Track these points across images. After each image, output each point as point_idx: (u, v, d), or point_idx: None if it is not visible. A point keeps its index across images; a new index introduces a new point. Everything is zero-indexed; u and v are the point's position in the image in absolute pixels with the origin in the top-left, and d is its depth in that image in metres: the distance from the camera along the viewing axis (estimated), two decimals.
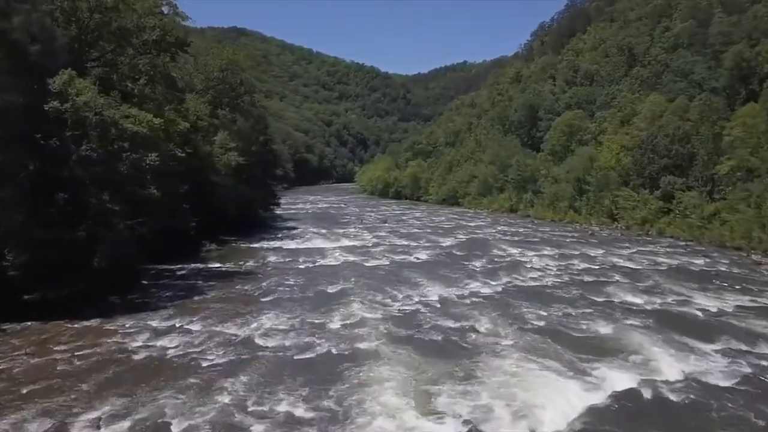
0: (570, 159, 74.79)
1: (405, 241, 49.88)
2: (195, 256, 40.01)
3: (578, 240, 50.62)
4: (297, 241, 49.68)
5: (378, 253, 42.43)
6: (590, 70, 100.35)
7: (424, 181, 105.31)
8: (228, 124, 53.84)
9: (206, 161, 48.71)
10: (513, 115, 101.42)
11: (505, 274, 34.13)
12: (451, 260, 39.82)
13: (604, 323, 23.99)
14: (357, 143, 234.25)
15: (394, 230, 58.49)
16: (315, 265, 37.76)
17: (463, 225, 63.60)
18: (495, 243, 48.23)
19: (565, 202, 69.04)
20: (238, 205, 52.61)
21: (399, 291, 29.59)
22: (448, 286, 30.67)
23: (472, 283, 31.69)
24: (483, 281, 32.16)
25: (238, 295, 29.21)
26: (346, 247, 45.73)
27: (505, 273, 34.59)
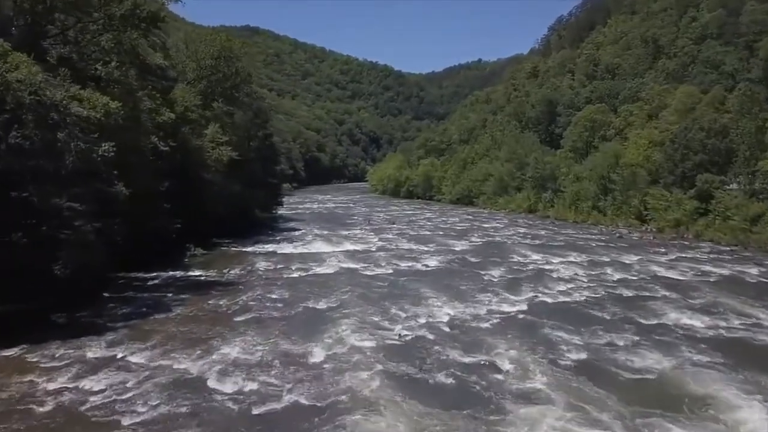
0: (593, 156, 69.13)
1: (413, 244, 44.64)
2: (176, 262, 35.04)
3: (606, 244, 45.06)
4: (294, 245, 44.62)
5: (382, 260, 37.23)
6: (611, 64, 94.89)
7: (437, 179, 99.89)
8: (222, 117, 48.89)
9: (196, 156, 43.86)
10: (530, 110, 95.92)
11: (528, 287, 28.73)
12: (465, 268, 34.50)
13: (660, 357, 18.56)
14: (370, 142, 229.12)
15: (403, 232, 53.26)
16: (308, 274, 32.61)
17: (477, 227, 58.21)
18: (514, 247, 42.86)
19: (588, 202, 63.38)
20: (232, 205, 47.78)
21: (401, 309, 24.33)
22: (461, 303, 25.36)
23: (489, 298, 26.35)
24: (502, 296, 26.80)
25: (209, 312, 24.15)
26: (348, 252, 40.60)
27: (528, 285, 29.19)
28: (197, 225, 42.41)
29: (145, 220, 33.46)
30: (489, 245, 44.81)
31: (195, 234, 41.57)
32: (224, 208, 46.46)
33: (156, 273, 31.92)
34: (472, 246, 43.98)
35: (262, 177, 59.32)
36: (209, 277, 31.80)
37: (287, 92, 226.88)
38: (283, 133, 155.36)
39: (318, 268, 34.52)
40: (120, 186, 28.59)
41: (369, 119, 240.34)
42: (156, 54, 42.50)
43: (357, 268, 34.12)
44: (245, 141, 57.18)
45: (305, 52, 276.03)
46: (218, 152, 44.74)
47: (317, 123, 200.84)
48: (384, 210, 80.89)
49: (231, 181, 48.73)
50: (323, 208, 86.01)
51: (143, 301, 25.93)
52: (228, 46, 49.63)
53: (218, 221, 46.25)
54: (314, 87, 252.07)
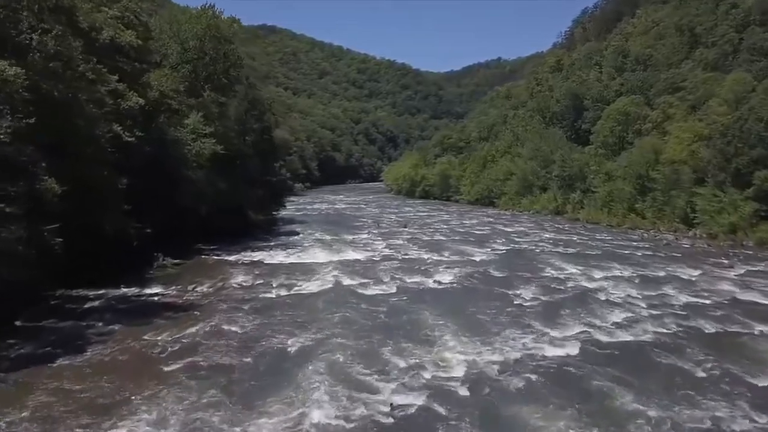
0: (627, 152, 61.48)
1: (426, 253, 37.59)
2: (135, 275, 28.34)
3: (653, 253, 37.62)
4: (288, 253, 37.85)
5: (385, 273, 30.22)
6: (643, 54, 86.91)
7: (455, 179, 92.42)
8: (209, 106, 42.30)
9: (174, 150, 37.33)
10: (555, 105, 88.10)
11: (572, 317, 21.53)
12: (487, 287, 27.37)
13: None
14: (386, 141, 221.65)
15: (414, 237, 46.17)
16: (290, 294, 25.74)
17: (500, 231, 50.93)
18: (545, 257, 35.62)
19: (623, 203, 55.74)
20: (219, 206, 41.14)
21: (400, 354, 17.32)
22: (483, 343, 18.27)
23: (521, 335, 19.18)
24: (539, 332, 19.62)
25: (135, 355, 17.37)
26: (347, 263, 33.68)
27: (571, 314, 21.99)
28: (174, 229, 36.10)
29: (97, 224, 27.10)
30: (514, 254, 37.63)
31: (171, 240, 35.15)
32: (209, 209, 39.95)
33: (104, 290, 25.37)
34: (495, 255, 36.84)
35: (260, 175, 52.65)
36: (166, 296, 25.08)
37: (303, 91, 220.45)
38: (297, 132, 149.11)
39: (306, 284, 27.63)
40: (50, 182, 22.10)
41: (386, 118, 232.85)
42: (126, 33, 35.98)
43: (353, 286, 27.15)
44: (239, 134, 50.64)
45: (322, 51, 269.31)
46: (199, 145, 38.15)
47: (333, 122, 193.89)
48: (397, 211, 73.86)
49: (218, 178, 42.20)
50: (332, 209, 79.22)
51: (59, 333, 19.25)
52: (215, 24, 42.89)
53: (202, 224, 39.82)
54: (331, 86, 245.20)
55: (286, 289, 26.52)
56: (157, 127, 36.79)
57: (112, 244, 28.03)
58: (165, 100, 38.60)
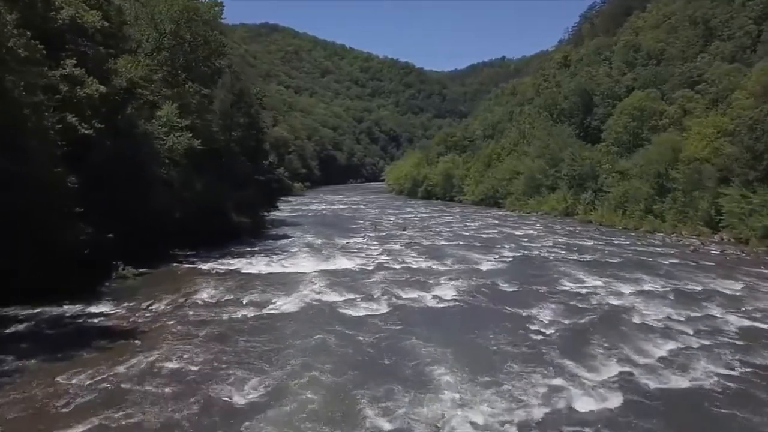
0: (643, 150, 56.96)
1: (425, 261, 33.14)
2: (86, 289, 24.00)
3: (682, 261, 33.10)
4: (270, 260, 33.48)
5: (377, 287, 25.80)
6: (655, 49, 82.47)
7: (458, 178, 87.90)
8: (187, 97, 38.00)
9: (145, 145, 33.08)
10: (563, 102, 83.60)
11: (605, 349, 17.07)
12: (496, 305, 22.89)
13: None
14: (389, 140, 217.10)
15: (414, 242, 41.75)
16: (260, 314, 21.32)
17: (507, 234, 46.44)
18: (560, 266, 31.15)
19: (639, 204, 51.21)
20: (197, 208, 36.85)
21: (382, 408, 12.87)
22: (494, 393, 13.75)
23: (544, 379, 14.66)
24: (567, 372, 15.12)
25: (27, 409, 12.94)
26: (334, 273, 29.29)
27: (603, 344, 17.52)
28: (144, 234, 31.80)
29: (36, 229, 22.95)
30: (525, 262, 33.17)
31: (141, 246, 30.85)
32: (185, 211, 35.65)
33: (40, 309, 21.06)
34: (503, 263, 32.38)
35: (248, 173, 48.33)
36: (110, 317, 20.70)
37: (305, 89, 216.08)
38: (297, 130, 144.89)
39: (282, 301, 23.23)
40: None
41: (389, 117, 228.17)
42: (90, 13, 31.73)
43: (337, 303, 22.73)
44: (225, 129, 46.37)
45: (325, 50, 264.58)
46: (173, 140, 33.83)
47: (335, 120, 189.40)
48: (397, 212, 69.41)
49: (197, 177, 37.94)
50: (330, 209, 74.84)
51: None
52: (192, 6, 38.48)
53: (178, 228, 35.49)
54: (333, 84, 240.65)
55: (257, 307, 22.10)
56: (125, 119, 32.55)
57: (60, 253, 23.88)
58: (136, 90, 34.45)
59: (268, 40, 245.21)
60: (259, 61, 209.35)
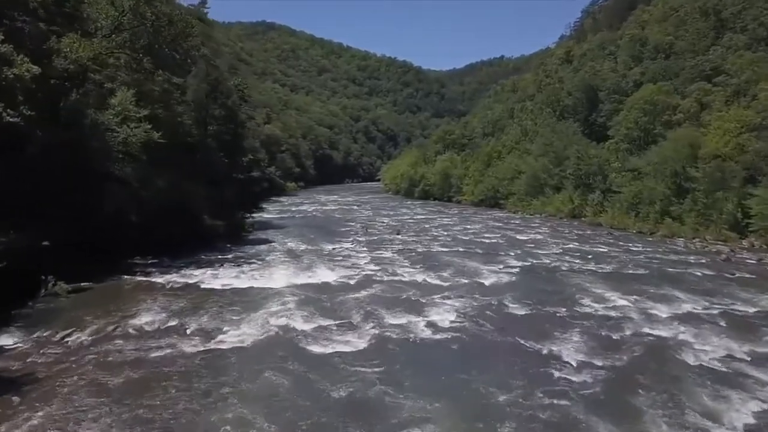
0: (657, 146, 52.20)
1: (419, 272, 28.29)
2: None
3: (716, 273, 28.26)
4: (241, 271, 28.67)
5: (360, 308, 20.96)
6: (663, 42, 77.78)
7: (457, 177, 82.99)
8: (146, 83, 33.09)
9: (94, 136, 28.26)
10: (566, 98, 78.96)
11: (660, 409, 12.27)
12: (506, 336, 18.03)
13: None
14: (386, 140, 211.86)
15: (408, 248, 36.94)
16: (204, 348, 16.44)
17: (511, 239, 41.59)
18: (577, 279, 26.33)
19: (654, 206, 46.36)
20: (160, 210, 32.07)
21: None
22: None
23: None
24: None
25: None
26: (311, 288, 24.48)
27: (656, 401, 12.72)
28: (90, 241, 27.17)
29: None
30: (535, 274, 28.34)
31: (85, 255, 26.17)
32: (144, 213, 30.86)
33: None
34: (510, 276, 27.51)
35: (226, 172, 43.51)
36: (5, 354, 15.86)
37: (301, 88, 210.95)
38: (292, 129, 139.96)
39: (235, 329, 18.34)
40: None
41: (386, 116, 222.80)
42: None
43: (303, 333, 17.89)
44: (200, 123, 41.57)
45: (322, 48, 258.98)
46: (127, 131, 28.94)
47: (331, 119, 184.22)
48: (392, 214, 64.54)
49: (160, 174, 33.10)
50: (321, 211, 69.98)
51: None
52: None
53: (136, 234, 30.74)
54: (330, 83, 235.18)
55: (202, 339, 17.26)
56: (70, 106, 27.73)
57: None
58: (86, 73, 29.65)
59: (265, 38, 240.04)
60: (254, 59, 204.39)
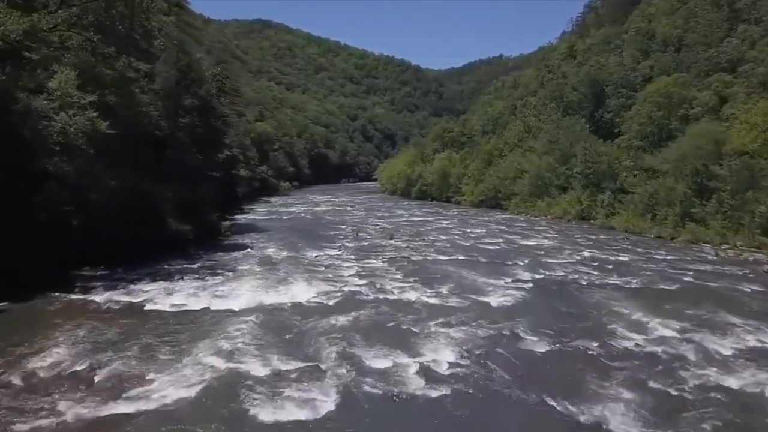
0: (674, 143, 47.61)
1: (413, 289, 23.47)
2: None
3: (764, 287, 23.58)
4: (202, 286, 23.87)
5: (333, 342, 16.16)
6: (672, 36, 73.26)
7: (456, 177, 78.19)
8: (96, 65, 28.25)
9: (25, 125, 23.57)
10: (571, 94, 74.26)
11: None
12: (525, 389, 13.18)
13: None
14: (384, 139, 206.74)
15: (402, 256, 32.18)
16: (95, 418, 11.66)
17: (517, 244, 36.82)
18: (603, 298, 21.53)
19: (674, 207, 41.61)
20: (113, 213, 27.36)
21: None
22: None
23: None
24: None
25: None
26: (278, 312, 19.75)
27: None
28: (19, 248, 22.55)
29: None
30: (552, 291, 23.56)
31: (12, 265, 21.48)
32: (91, 216, 26.14)
33: None
34: (520, 294, 22.67)
35: (200, 170, 38.75)
36: None
37: (297, 86, 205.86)
38: (286, 127, 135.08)
39: (161, 380, 13.41)
40: None
41: (384, 115, 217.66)
42: None
43: (253, 388, 13.01)
44: (170, 114, 36.79)
45: (319, 46, 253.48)
46: (65, 119, 24.13)
47: (327, 118, 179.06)
48: (386, 216, 59.74)
49: (113, 172, 28.30)
50: (311, 212, 65.17)
51: None
52: None
53: (85, 240, 26.05)
54: (327, 82, 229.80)
55: (110, 394, 12.38)
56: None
57: None
58: (18, 51, 24.85)
59: (261, 36, 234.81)
60: (249, 56, 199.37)
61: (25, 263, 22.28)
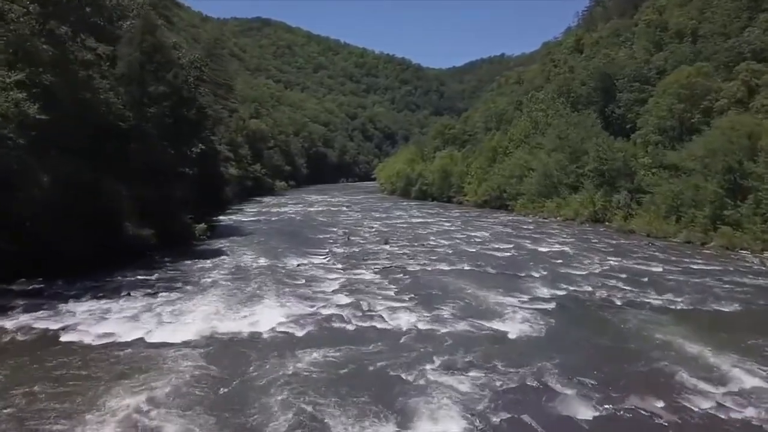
0: (700, 137, 42.78)
1: (407, 311, 18.69)
2: None
3: None
4: (148, 305, 19.22)
5: (296, 400, 11.44)
6: (686, 27, 68.50)
7: (458, 176, 73.34)
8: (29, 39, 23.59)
9: None
10: (579, 88, 69.48)
11: None
12: None
13: None
14: (384, 138, 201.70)
15: (397, 265, 27.41)
16: None
17: (530, 251, 32.00)
18: (650, 329, 16.68)
19: (703, 209, 36.76)
20: (52, 214, 22.76)
21: None
22: None
23: None
24: None
25: None
26: (236, 345, 15.08)
27: None
28: None
29: None
30: (582, 315, 18.77)
31: None
32: (19, 219, 21.49)
33: None
34: (545, 319, 17.83)
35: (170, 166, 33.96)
36: None
37: (296, 85, 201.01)
38: (283, 125, 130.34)
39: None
40: None
41: (384, 114, 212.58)
42: None
43: None
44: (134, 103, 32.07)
45: (319, 45, 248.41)
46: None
47: (326, 116, 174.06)
48: (383, 217, 54.97)
49: (58, 167, 23.65)
50: (304, 213, 60.42)
51: None
52: None
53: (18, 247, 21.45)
54: (327, 80, 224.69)
55: None
56: None
57: None
58: None
59: (260, 35, 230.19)
60: (248, 54, 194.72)
61: None
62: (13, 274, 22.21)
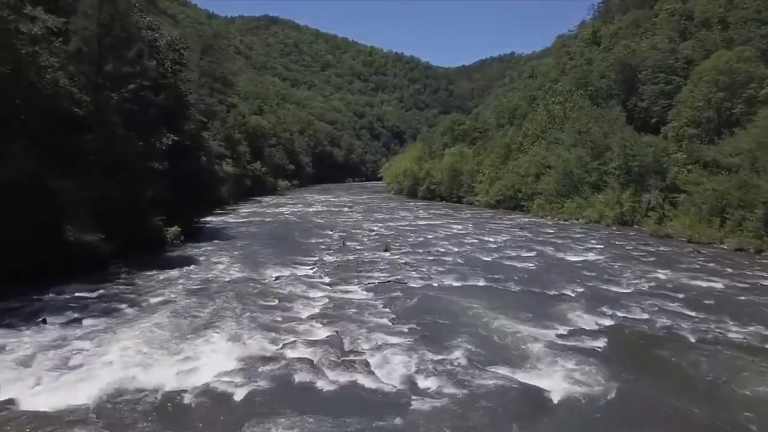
0: (746, 130, 37.30)
1: (405, 351, 13.56)
2: None
3: None
4: (59, 339, 14.23)
5: None
6: (713, 15, 62.86)
7: (468, 174, 68.02)
8: None
9: None
10: (597, 81, 64.06)
11: None
12: None
13: None
14: (392, 137, 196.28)
15: (396, 278, 22.28)
16: None
17: (557, 261, 26.71)
18: (737, 376, 11.57)
19: (755, 211, 31.39)
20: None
21: None
22: None
23: None
24: None
25: None
26: (147, 419, 9.90)
27: None
28: None
29: None
30: (645, 360, 13.52)
31: None
32: None
33: None
34: (595, 364, 12.65)
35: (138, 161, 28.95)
36: None
37: (303, 83, 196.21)
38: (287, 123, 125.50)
39: None
40: None
41: (392, 113, 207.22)
42: None
43: None
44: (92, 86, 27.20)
45: (326, 43, 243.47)
46: None
47: (332, 114, 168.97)
48: (386, 218, 49.79)
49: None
50: (301, 214, 55.37)
51: None
52: None
53: None
54: (334, 78, 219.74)
55: None
56: None
57: None
58: None
59: (267, 33, 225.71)
60: (254, 52, 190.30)
61: None
62: None
